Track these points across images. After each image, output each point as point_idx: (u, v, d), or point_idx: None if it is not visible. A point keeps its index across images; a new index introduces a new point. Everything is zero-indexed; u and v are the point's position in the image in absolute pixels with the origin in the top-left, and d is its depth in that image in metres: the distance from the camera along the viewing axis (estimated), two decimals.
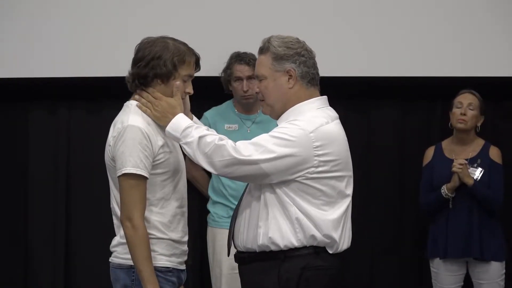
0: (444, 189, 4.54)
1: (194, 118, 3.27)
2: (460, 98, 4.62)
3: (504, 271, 4.58)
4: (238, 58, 4.61)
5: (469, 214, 4.54)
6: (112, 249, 3.12)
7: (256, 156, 2.95)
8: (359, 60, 4.92)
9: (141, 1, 4.94)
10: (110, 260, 3.12)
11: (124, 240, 3.01)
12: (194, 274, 4.93)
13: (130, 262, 3.01)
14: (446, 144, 4.71)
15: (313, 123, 2.99)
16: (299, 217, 2.98)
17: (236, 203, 4.46)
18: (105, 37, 4.90)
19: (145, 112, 3.06)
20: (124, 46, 4.83)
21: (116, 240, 3.11)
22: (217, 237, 4.63)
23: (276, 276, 2.99)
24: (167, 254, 3.08)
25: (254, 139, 3.03)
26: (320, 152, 2.97)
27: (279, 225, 2.99)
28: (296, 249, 3.00)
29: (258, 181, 3.02)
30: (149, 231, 3.01)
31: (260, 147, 2.96)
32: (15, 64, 4.93)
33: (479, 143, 4.66)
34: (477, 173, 4.53)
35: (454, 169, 4.49)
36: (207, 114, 4.68)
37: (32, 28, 4.90)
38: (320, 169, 2.97)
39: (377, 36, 4.92)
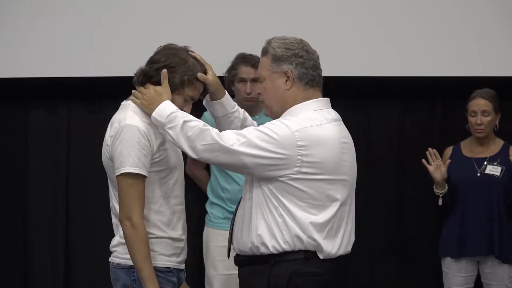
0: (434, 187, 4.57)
1: (244, 112, 3.29)
2: (473, 105, 4.59)
3: None
4: (244, 59, 4.59)
5: (489, 214, 4.52)
6: (112, 249, 3.12)
7: (237, 146, 2.93)
8: (359, 60, 4.92)
9: (142, 2, 4.94)
10: (110, 260, 3.12)
11: (124, 240, 3.01)
12: (194, 274, 4.93)
13: (130, 262, 3.01)
14: (464, 144, 4.70)
15: (300, 123, 2.97)
16: (285, 219, 2.95)
17: (232, 206, 4.51)
18: (105, 37, 4.91)
19: (135, 103, 3.07)
20: (124, 46, 4.87)
21: (116, 240, 3.10)
22: (211, 237, 4.65)
23: (266, 281, 2.98)
24: (168, 254, 3.08)
25: (240, 130, 3.03)
26: (304, 152, 2.94)
27: (267, 226, 2.97)
28: (286, 253, 2.97)
29: (239, 171, 3.04)
30: (149, 230, 3.01)
31: (242, 138, 2.94)
32: (15, 64, 4.93)
33: (499, 142, 4.66)
34: (499, 171, 4.54)
35: None
36: (207, 114, 4.67)
37: (32, 28, 4.90)
38: (304, 170, 2.94)
39: (377, 36, 4.92)
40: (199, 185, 4.83)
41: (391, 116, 5.16)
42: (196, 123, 2.98)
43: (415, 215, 5.12)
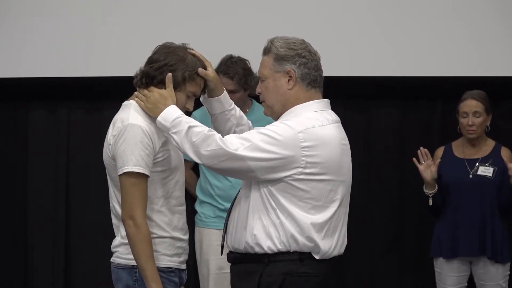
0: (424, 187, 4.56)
1: (239, 110, 3.28)
2: (464, 106, 4.58)
3: (508, 272, 4.59)
4: (225, 69, 4.56)
5: (482, 214, 4.53)
6: (113, 250, 3.11)
7: (242, 151, 2.93)
8: (359, 60, 4.92)
9: (142, 2, 4.94)
10: (111, 260, 3.11)
11: (126, 241, 3.01)
12: (195, 274, 4.93)
13: (132, 263, 3.01)
14: (456, 144, 4.70)
15: (303, 123, 2.97)
16: (283, 220, 2.95)
17: (223, 203, 4.53)
18: (106, 37, 4.91)
19: (140, 105, 3.06)
20: (124, 46, 4.87)
21: (117, 240, 3.10)
22: (204, 237, 4.66)
23: (258, 279, 2.98)
24: (169, 254, 3.08)
25: (242, 134, 3.02)
26: (308, 153, 2.94)
27: (263, 227, 2.97)
28: (280, 253, 2.97)
29: (243, 176, 3.01)
30: (151, 230, 3.01)
31: (246, 142, 2.94)
32: (15, 64, 4.93)
33: (490, 143, 4.66)
34: (491, 172, 4.55)
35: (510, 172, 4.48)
36: (196, 113, 4.66)
37: (32, 28, 4.90)
38: (307, 170, 2.94)
39: (377, 36, 4.92)
40: (186, 188, 4.81)
41: (391, 116, 5.16)
42: (201, 128, 2.98)
43: (415, 215, 5.12)
